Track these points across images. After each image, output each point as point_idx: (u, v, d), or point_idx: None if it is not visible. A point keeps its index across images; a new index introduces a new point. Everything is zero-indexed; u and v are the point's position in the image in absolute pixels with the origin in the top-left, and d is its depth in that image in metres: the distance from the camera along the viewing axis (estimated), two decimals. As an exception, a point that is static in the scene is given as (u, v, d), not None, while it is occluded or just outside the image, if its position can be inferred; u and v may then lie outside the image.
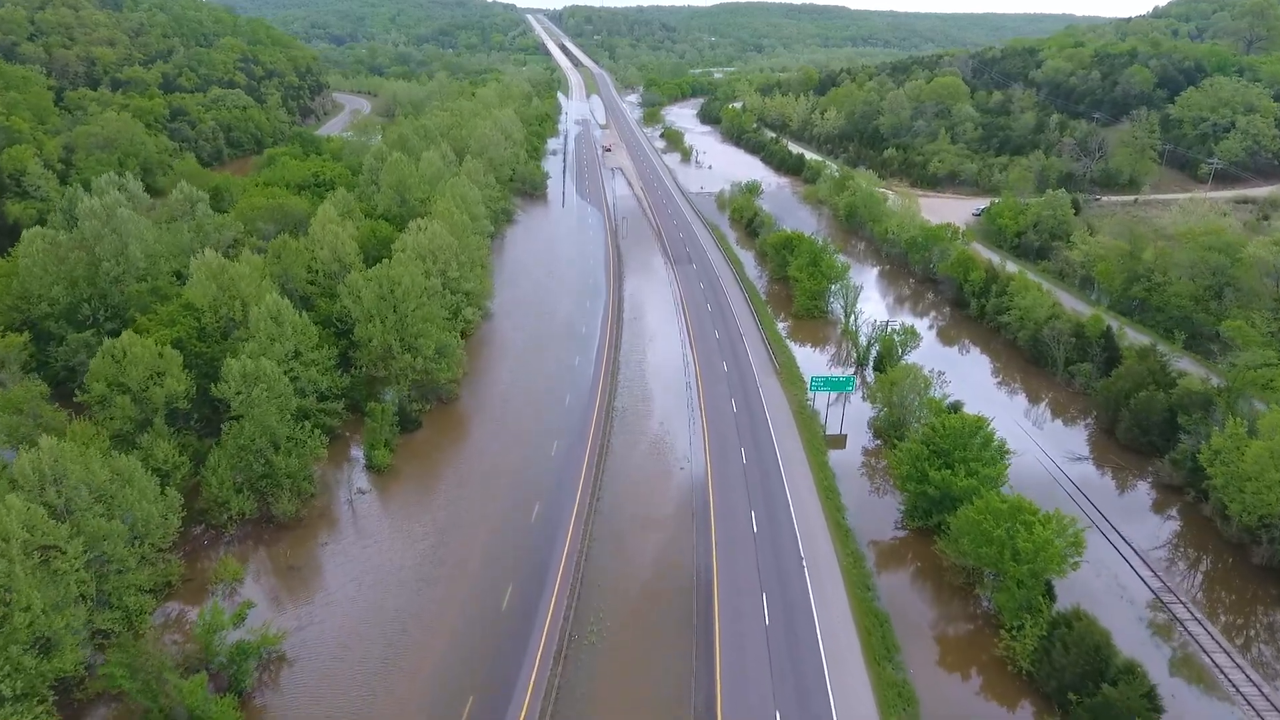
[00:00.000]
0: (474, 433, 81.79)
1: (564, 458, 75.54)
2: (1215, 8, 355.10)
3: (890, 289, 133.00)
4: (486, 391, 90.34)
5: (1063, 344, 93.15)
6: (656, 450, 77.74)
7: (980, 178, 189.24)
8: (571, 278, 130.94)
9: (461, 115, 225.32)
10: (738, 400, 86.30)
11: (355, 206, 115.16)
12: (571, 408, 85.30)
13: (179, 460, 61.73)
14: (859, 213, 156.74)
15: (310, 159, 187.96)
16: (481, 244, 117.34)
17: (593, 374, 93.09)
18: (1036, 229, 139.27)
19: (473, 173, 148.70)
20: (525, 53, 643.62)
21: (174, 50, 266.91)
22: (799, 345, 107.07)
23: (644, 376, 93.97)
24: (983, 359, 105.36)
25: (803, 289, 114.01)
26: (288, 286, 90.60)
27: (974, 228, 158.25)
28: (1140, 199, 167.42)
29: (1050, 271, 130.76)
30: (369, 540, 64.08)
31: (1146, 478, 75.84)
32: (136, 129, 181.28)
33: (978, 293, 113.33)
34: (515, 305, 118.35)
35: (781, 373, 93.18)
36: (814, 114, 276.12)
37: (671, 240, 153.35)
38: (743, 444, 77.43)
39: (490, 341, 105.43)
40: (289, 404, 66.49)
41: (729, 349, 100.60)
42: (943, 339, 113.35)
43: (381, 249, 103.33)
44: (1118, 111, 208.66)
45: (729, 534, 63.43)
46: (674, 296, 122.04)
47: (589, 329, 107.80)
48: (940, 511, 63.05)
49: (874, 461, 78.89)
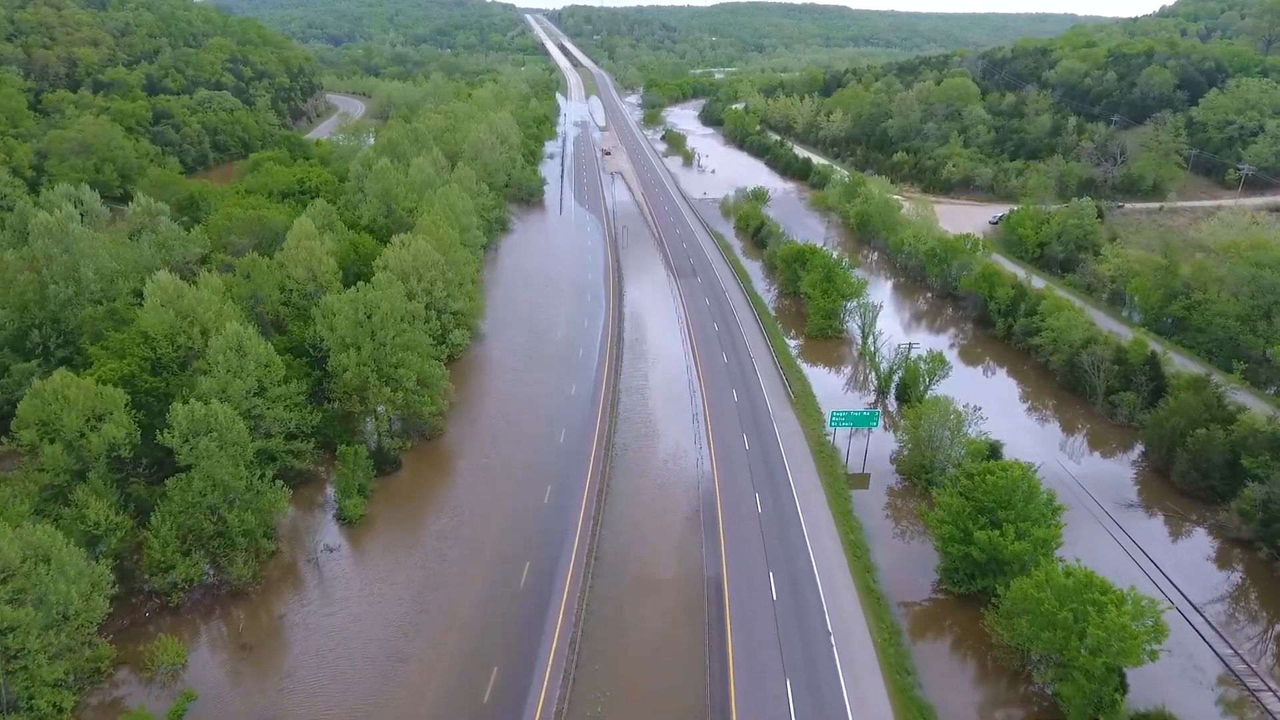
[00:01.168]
0: (460, 475, 73.94)
1: (559, 505, 67.83)
2: (1224, 7, 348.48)
3: (906, 303, 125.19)
4: (475, 425, 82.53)
5: (1104, 371, 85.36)
6: (661, 496, 70.00)
7: (996, 183, 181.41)
8: (569, 292, 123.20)
9: (456, 118, 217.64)
10: (750, 435, 78.52)
11: (336, 218, 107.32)
12: (568, 445, 77.52)
13: (116, 521, 53.93)
14: (872, 221, 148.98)
15: (297, 164, 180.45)
16: (472, 258, 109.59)
17: (591, 404, 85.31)
18: (1061, 240, 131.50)
19: (464, 180, 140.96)
20: (524, 53, 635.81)
21: (160, 51, 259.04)
22: (812, 366, 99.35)
23: (647, 407, 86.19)
24: (1009, 383, 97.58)
25: (816, 307, 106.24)
26: (258, 309, 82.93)
27: (991, 237, 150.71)
28: (1166, 206, 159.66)
29: (1077, 285, 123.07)
30: (336, 607, 56.31)
31: (1207, 526, 68.14)
32: (114, 133, 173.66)
33: (1004, 311, 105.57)
34: (508, 324, 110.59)
35: (797, 403, 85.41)
36: (819, 116, 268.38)
37: (674, 250, 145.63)
38: (757, 489, 69.69)
39: (480, 366, 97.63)
40: (245, 452, 58.71)
41: (739, 375, 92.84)
42: (965, 359, 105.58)
43: (363, 265, 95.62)
44: (1136, 114, 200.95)
45: (745, 602, 55.67)
46: (678, 313, 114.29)
47: (587, 351, 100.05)
48: (986, 576, 55.41)
49: (900, 503, 71.14)
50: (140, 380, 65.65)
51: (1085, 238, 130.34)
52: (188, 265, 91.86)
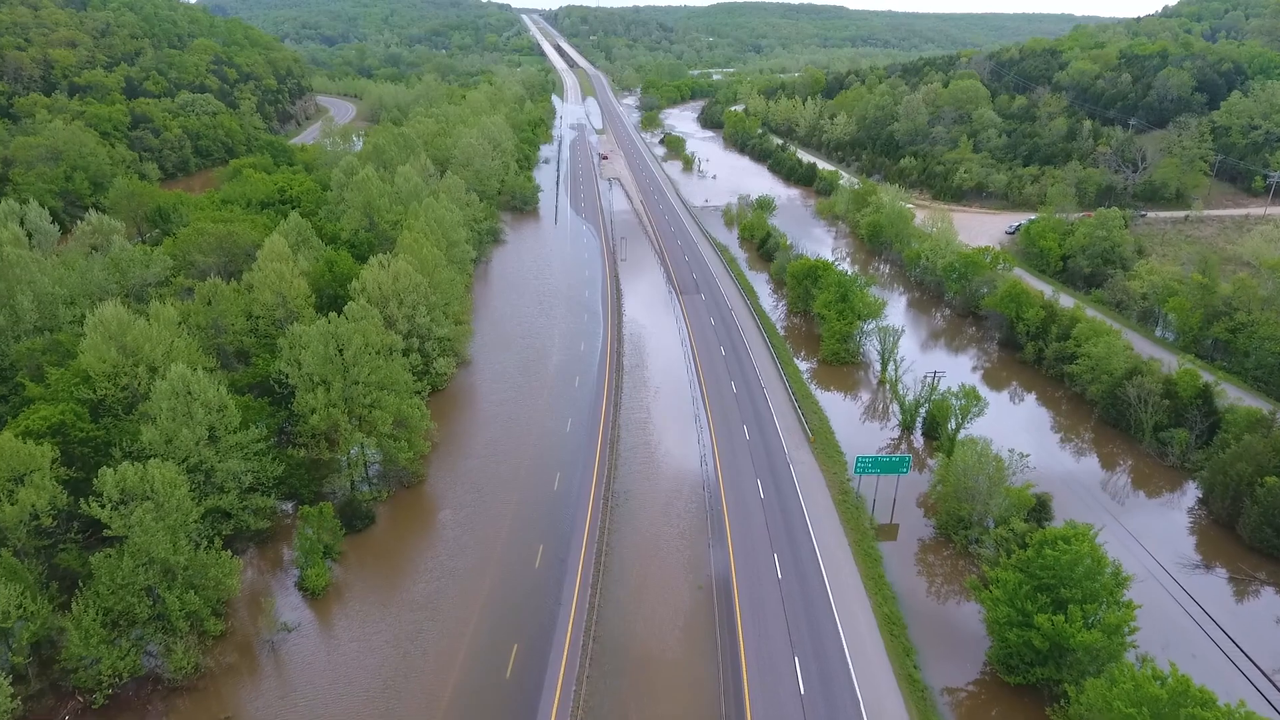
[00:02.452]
0: (441, 531, 65.87)
1: (552, 567, 59.97)
2: (1227, 6, 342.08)
3: (922, 321, 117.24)
4: (460, 469, 74.48)
5: (1151, 405, 77.68)
6: (668, 557, 62.13)
7: (1010, 190, 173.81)
8: (564, 311, 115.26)
9: (448, 122, 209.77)
10: (765, 480, 70.69)
11: (311, 234, 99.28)
12: (563, 492, 69.65)
13: (32, 609, 45.92)
14: (884, 232, 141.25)
15: (281, 171, 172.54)
16: (459, 277, 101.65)
17: (588, 443, 77.40)
18: (1086, 253, 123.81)
19: (453, 190, 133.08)
20: (520, 53, 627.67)
21: (142, 52, 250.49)
22: (827, 393, 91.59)
23: (649, 447, 78.25)
24: (1041, 414, 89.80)
25: (831, 330, 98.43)
26: (219, 340, 74.91)
27: (1009, 248, 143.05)
28: (1191, 215, 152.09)
29: (1104, 303, 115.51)
30: (295, 701, 48.38)
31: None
32: (87, 139, 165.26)
33: (1034, 334, 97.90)
34: (499, 347, 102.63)
35: (815, 441, 77.55)
36: (822, 119, 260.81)
37: (676, 263, 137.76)
38: (776, 548, 61.87)
39: (468, 397, 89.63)
40: (189, 519, 50.75)
41: (749, 407, 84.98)
42: (989, 383, 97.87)
43: (339, 287, 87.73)
44: (1154, 117, 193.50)
45: (768, 696, 47.84)
46: (681, 334, 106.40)
47: (584, 379, 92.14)
48: (1046, 664, 47.68)
49: (933, 560, 63.37)
50: (74, 430, 57.68)
51: (1113, 250, 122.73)
52: (146, 289, 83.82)
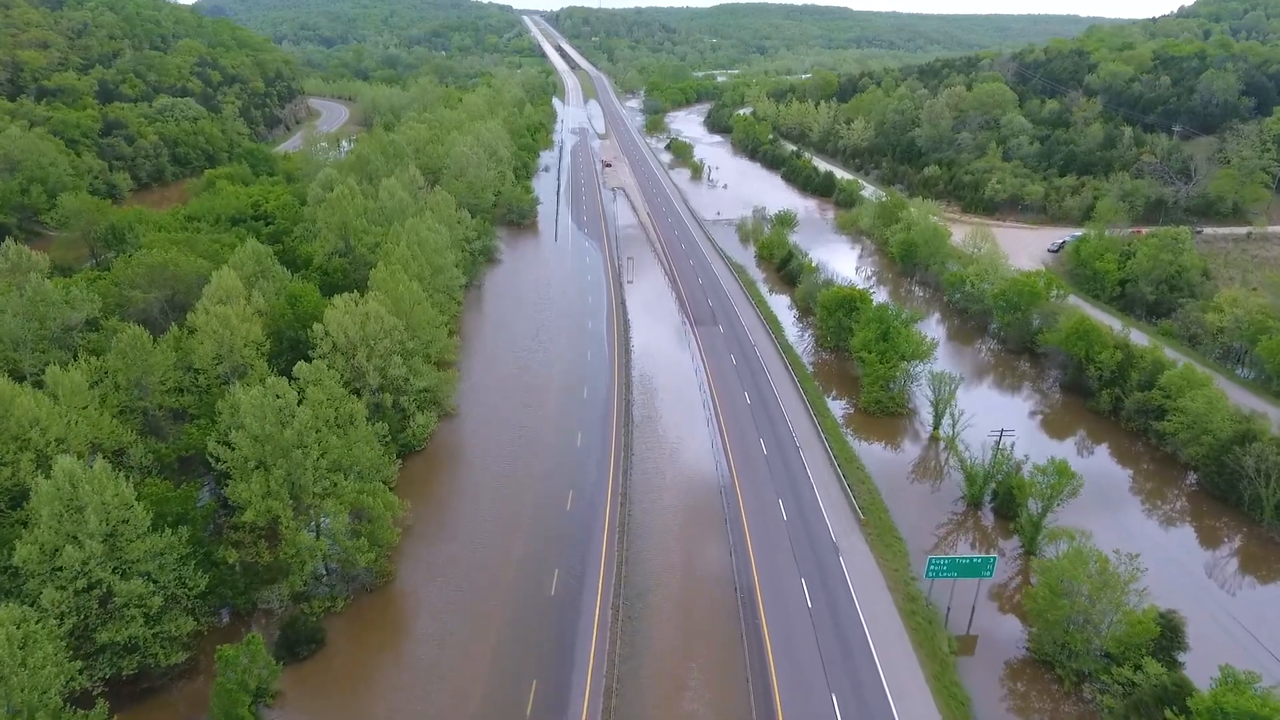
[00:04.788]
0: (412, 652, 52.52)
1: (547, 711, 46.77)
2: (1247, 7, 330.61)
3: (964, 355, 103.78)
4: (437, 560, 61.18)
5: (1275, 480, 64.39)
6: (692, 687, 48.84)
7: (1049, 203, 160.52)
8: (565, 347, 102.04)
9: (441, 127, 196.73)
10: (812, 583, 57.39)
11: (272, 263, 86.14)
12: (562, 599, 56.39)
13: None
14: (918, 252, 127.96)
15: (260, 182, 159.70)
16: (448, 306, 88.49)
17: (593, 525, 64.18)
18: (1150, 278, 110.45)
19: (441, 207, 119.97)
20: (520, 54, 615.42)
21: (121, 53, 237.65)
22: (869, 447, 78.63)
23: (666, 525, 65.03)
24: (1120, 475, 76.49)
25: (872, 374, 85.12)
26: (144, 403, 61.74)
27: (1053, 268, 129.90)
28: (1254, 233, 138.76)
29: (1173, 335, 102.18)
30: None
31: None
32: (47, 147, 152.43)
33: (1109, 379, 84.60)
34: (490, 393, 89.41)
35: (868, 524, 64.28)
36: (837, 124, 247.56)
37: (689, 287, 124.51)
38: (832, 682, 48.62)
39: (450, 460, 76.27)
40: (56, 681, 37.62)
41: (784, 476, 71.67)
42: (1049, 433, 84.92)
43: (303, 329, 74.52)
44: (1198, 123, 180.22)
45: None
46: (699, 378, 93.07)
47: (588, 436, 78.82)
48: None
49: (1030, 691, 50.14)
50: (-70, 543, 44.62)
51: (1180, 275, 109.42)
52: (69, 334, 70.67)
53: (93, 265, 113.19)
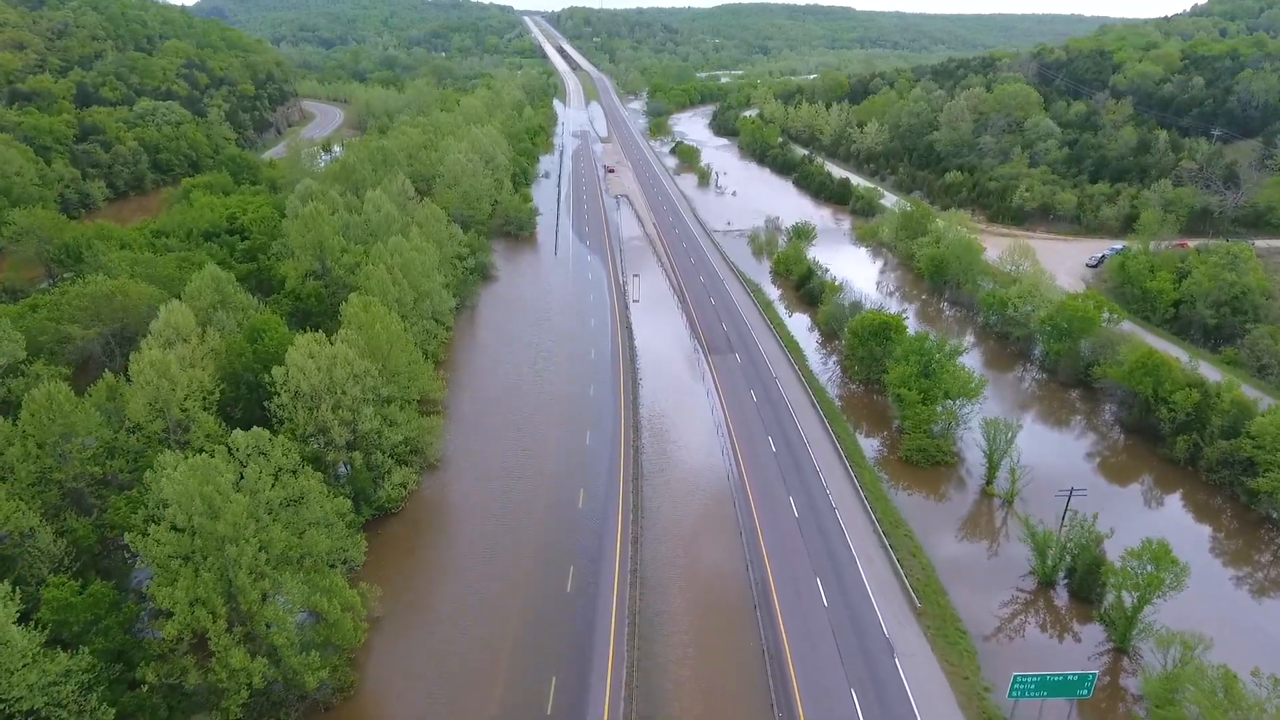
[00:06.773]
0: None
1: None
2: (1263, 5, 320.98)
3: (1004, 384, 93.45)
4: (412, 653, 50.96)
5: None
6: None
7: (1083, 212, 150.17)
8: (566, 380, 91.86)
9: (436, 132, 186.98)
10: (865, 701, 47.06)
11: (234, 291, 76.05)
12: (559, 711, 46.23)
13: None
14: (948, 268, 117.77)
15: (241, 191, 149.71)
16: (421, 356, 77.87)
17: (595, 611, 54.01)
18: (1210, 299, 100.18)
19: (431, 222, 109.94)
20: (521, 55, 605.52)
21: (103, 55, 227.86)
22: (912, 503, 68.38)
23: (683, 615, 54.74)
24: (1199, 533, 66.50)
25: (912, 417, 74.86)
26: (61, 475, 51.61)
27: (1094, 285, 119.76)
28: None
29: (1238, 364, 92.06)
30: None
31: None
32: (13, 155, 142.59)
33: (1184, 424, 74.30)
34: (481, 436, 79.26)
35: (924, 613, 54.02)
36: (850, 127, 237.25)
37: (700, 308, 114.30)
38: None
39: (430, 526, 65.83)
40: None
41: (821, 549, 61.32)
42: (1109, 477, 74.86)
43: (264, 371, 64.34)
44: (1237, 126, 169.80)
45: None
46: (716, 419, 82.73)
47: (591, 492, 68.63)
48: None
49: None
50: None
51: (1244, 297, 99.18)
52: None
53: (48, 287, 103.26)
